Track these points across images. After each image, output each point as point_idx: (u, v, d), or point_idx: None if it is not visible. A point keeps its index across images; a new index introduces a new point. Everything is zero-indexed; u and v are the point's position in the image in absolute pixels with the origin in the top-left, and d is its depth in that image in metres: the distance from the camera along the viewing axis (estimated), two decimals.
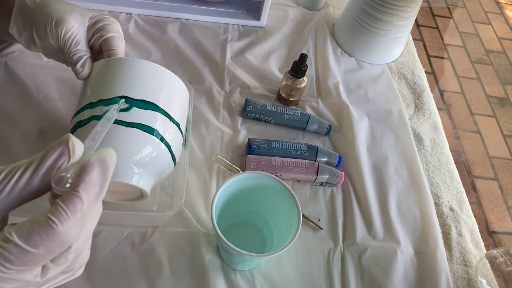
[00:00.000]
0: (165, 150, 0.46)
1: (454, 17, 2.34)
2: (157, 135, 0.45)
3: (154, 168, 0.46)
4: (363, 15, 0.75)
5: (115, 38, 0.50)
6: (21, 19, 0.49)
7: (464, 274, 0.56)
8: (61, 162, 0.27)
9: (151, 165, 0.45)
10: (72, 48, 0.48)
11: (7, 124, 0.58)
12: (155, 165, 0.46)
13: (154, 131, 0.45)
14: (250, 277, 0.51)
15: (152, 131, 0.44)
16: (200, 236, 0.52)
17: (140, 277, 0.49)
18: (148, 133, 0.44)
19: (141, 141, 0.44)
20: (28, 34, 0.50)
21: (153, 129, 0.45)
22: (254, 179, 0.49)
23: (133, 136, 0.44)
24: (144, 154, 0.44)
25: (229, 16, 0.80)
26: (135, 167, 0.44)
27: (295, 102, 0.69)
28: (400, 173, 0.64)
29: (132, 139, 0.44)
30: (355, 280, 0.53)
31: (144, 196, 0.47)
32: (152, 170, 0.46)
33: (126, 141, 0.43)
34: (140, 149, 0.44)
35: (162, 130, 0.45)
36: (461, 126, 1.80)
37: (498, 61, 2.13)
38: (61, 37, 0.47)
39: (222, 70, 0.72)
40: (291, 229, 0.46)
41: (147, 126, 0.44)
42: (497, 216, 1.54)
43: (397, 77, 0.79)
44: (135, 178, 0.44)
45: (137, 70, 0.47)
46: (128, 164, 0.44)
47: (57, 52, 0.51)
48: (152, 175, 0.46)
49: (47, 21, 0.47)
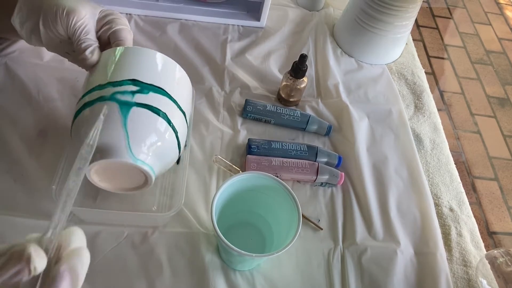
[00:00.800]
0: (171, 135, 0.46)
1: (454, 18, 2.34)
2: (164, 117, 0.45)
3: (159, 151, 0.46)
4: (363, 15, 0.75)
5: (124, 30, 0.51)
6: (27, 9, 0.49)
7: (464, 274, 0.56)
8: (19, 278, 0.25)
9: (157, 148, 0.45)
10: (82, 36, 0.48)
11: (7, 124, 0.58)
12: (161, 149, 0.46)
13: (161, 113, 0.45)
14: (250, 277, 0.51)
15: (159, 113, 0.45)
16: (200, 236, 0.52)
17: (140, 277, 0.49)
18: (156, 114, 0.45)
19: (149, 122, 0.44)
20: (31, 25, 0.50)
21: (161, 111, 0.45)
22: (254, 180, 0.49)
23: (141, 117, 0.44)
24: (151, 136, 0.45)
25: (229, 16, 0.80)
26: (141, 148, 0.44)
27: (295, 103, 0.69)
28: (400, 174, 0.64)
29: (140, 119, 0.44)
30: (355, 280, 0.53)
31: (147, 182, 0.47)
32: (158, 154, 0.46)
33: (134, 121, 0.43)
34: (148, 130, 0.44)
35: (169, 114, 0.46)
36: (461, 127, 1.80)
37: (498, 61, 2.13)
38: (72, 26, 0.48)
39: (222, 70, 0.72)
40: (291, 229, 0.46)
41: (156, 108, 0.45)
42: (497, 217, 1.54)
43: (397, 78, 0.79)
44: (141, 159, 0.44)
45: (147, 58, 0.48)
46: (134, 145, 0.44)
47: (60, 42, 0.51)
48: (158, 158, 0.46)
49: (58, 10, 0.47)
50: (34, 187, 0.53)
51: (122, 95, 0.44)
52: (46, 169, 0.55)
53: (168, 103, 0.46)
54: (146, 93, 0.45)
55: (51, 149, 0.57)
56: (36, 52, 0.68)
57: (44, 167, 0.55)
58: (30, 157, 0.56)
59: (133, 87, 0.45)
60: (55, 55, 0.68)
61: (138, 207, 0.54)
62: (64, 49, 0.53)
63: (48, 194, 0.53)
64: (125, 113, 0.43)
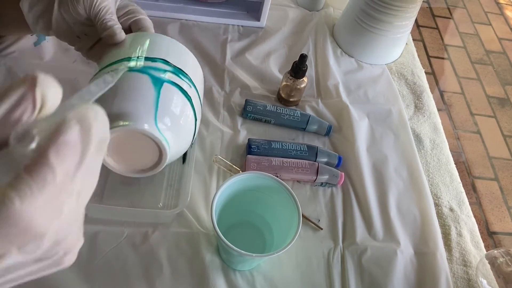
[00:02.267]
0: (192, 120, 0.48)
1: (454, 18, 2.34)
2: (190, 100, 0.47)
3: (179, 132, 0.46)
4: (363, 15, 0.75)
5: (146, 20, 0.53)
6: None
7: (464, 274, 0.56)
8: (21, 112, 0.20)
9: (178, 128, 0.46)
10: (107, 15, 0.48)
11: None
12: (181, 130, 0.46)
13: (188, 96, 0.47)
14: (250, 277, 0.51)
15: (187, 96, 0.46)
16: (200, 236, 0.52)
17: (140, 277, 0.49)
18: (184, 96, 0.46)
19: (177, 100, 0.45)
20: (42, 7, 0.49)
21: (188, 94, 0.47)
22: (254, 180, 0.49)
23: (171, 94, 0.45)
24: (177, 114, 0.45)
25: (229, 16, 0.80)
26: (166, 123, 0.44)
27: (295, 103, 0.69)
28: (400, 174, 0.64)
29: (170, 96, 0.45)
30: (355, 280, 0.53)
31: (160, 161, 0.46)
32: (177, 134, 0.46)
33: (164, 96, 0.44)
34: (175, 108, 0.45)
35: (192, 96, 0.47)
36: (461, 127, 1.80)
37: (498, 61, 2.13)
38: (96, 5, 0.48)
39: (222, 70, 0.72)
40: (291, 229, 0.46)
41: (184, 90, 0.46)
42: (497, 217, 1.54)
43: (397, 78, 0.79)
44: (163, 134, 0.44)
45: (173, 45, 0.50)
46: (160, 118, 0.44)
47: (74, 24, 0.50)
48: (175, 139, 0.46)
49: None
50: None
51: (155, 71, 0.45)
52: None
53: (192, 91, 0.48)
54: (176, 74, 0.47)
55: None
56: (36, 52, 0.68)
57: None
58: None
59: (166, 66, 0.46)
60: (55, 55, 0.68)
61: (144, 205, 0.54)
62: (75, 32, 0.51)
63: None
64: (158, 87, 0.44)
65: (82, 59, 0.69)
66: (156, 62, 0.46)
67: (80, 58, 0.69)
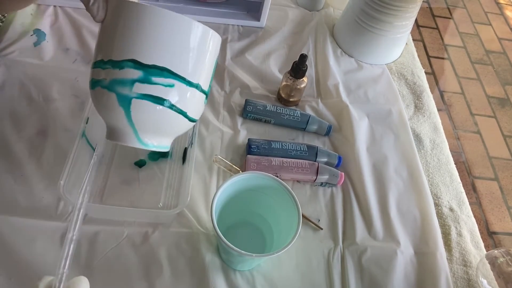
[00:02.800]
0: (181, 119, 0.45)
1: (454, 18, 2.34)
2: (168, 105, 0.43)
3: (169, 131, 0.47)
4: (363, 15, 0.75)
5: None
6: None
7: (464, 274, 0.56)
8: None
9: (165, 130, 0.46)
10: None
11: (7, 124, 0.58)
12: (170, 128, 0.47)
13: (165, 102, 0.43)
14: (250, 277, 0.51)
15: (163, 103, 0.42)
16: (200, 236, 0.52)
17: (140, 277, 0.49)
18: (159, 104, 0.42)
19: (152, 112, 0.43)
20: None
21: (164, 100, 0.42)
22: (254, 180, 0.49)
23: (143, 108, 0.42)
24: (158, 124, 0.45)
25: (229, 16, 0.80)
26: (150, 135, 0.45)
27: (295, 103, 0.69)
28: (400, 174, 0.64)
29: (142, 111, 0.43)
30: (355, 280, 0.53)
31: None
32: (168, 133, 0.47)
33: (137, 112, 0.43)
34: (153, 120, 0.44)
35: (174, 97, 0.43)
36: (461, 127, 1.80)
37: (498, 61, 2.13)
38: None
39: (222, 70, 0.72)
40: (291, 229, 0.46)
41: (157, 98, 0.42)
42: (497, 217, 1.54)
43: (397, 78, 0.79)
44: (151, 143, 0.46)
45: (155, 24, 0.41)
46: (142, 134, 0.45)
47: None
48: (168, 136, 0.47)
49: None
50: (34, 187, 0.53)
51: (120, 86, 0.41)
52: (46, 169, 0.55)
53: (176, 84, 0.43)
54: (148, 81, 0.41)
55: (51, 149, 0.57)
56: (36, 52, 0.68)
57: (44, 167, 0.55)
58: (30, 157, 0.56)
59: (134, 72, 0.41)
60: (55, 55, 0.68)
61: (144, 205, 0.54)
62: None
63: (48, 194, 0.53)
64: (124, 105, 0.42)
65: (82, 59, 0.69)
66: (123, 70, 0.41)
67: (80, 58, 0.69)
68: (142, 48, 0.41)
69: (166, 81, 0.42)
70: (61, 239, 0.50)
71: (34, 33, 0.70)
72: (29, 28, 0.71)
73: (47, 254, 0.49)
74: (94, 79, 0.44)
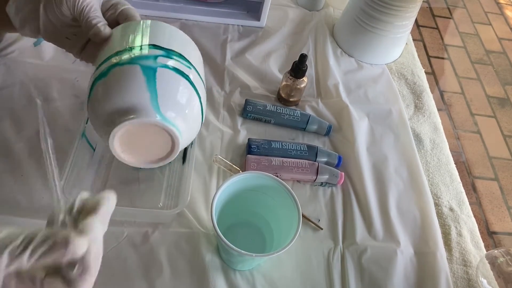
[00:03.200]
0: (196, 99, 0.47)
1: (454, 18, 2.34)
2: (189, 80, 0.46)
3: (186, 114, 0.46)
4: (363, 15, 0.75)
5: (130, 9, 0.52)
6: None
7: (464, 274, 0.56)
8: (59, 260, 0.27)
9: (184, 110, 0.46)
10: (91, 13, 0.48)
11: (7, 124, 0.58)
12: (188, 112, 0.46)
13: (186, 76, 0.45)
14: (250, 277, 0.51)
15: (185, 76, 0.45)
16: (200, 236, 0.52)
17: (140, 277, 0.49)
18: (178, 74, 0.45)
19: (175, 83, 0.45)
20: (28, 10, 0.49)
21: (185, 74, 0.46)
22: (254, 179, 0.49)
23: (167, 77, 0.44)
24: (178, 96, 0.45)
25: (229, 16, 0.80)
26: (170, 107, 0.44)
27: (295, 102, 0.69)
28: (400, 173, 0.64)
29: (166, 80, 0.44)
30: (355, 280, 0.53)
31: (173, 149, 0.47)
32: (184, 117, 0.46)
33: (161, 82, 0.43)
34: (175, 91, 0.45)
35: (194, 80, 0.47)
36: (461, 127, 1.80)
37: (498, 61, 2.13)
38: (79, 4, 0.47)
39: (222, 70, 0.72)
40: (291, 229, 0.46)
41: (176, 69, 0.45)
42: (497, 217, 1.54)
43: (397, 78, 0.79)
44: (169, 118, 0.44)
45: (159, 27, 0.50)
46: (162, 103, 0.44)
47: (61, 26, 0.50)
48: (185, 123, 0.46)
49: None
50: (34, 187, 0.53)
51: (144, 59, 0.44)
52: (46, 169, 0.55)
53: (193, 73, 0.47)
54: (170, 57, 0.45)
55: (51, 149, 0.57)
56: (36, 52, 0.68)
57: (44, 167, 0.55)
58: (30, 157, 0.56)
59: (156, 51, 0.45)
60: (55, 55, 0.68)
61: (144, 205, 0.54)
62: (63, 33, 0.51)
63: (48, 194, 0.53)
64: (151, 75, 0.43)
65: None
66: (143, 50, 0.45)
67: None
68: (159, 37, 0.47)
69: (184, 62, 0.46)
70: None
71: None
72: None
73: None
74: (110, 65, 0.44)
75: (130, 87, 0.43)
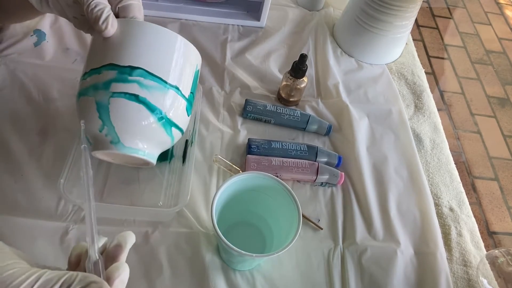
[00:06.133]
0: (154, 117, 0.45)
1: (454, 18, 2.34)
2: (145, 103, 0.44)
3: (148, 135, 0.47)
4: (363, 15, 0.75)
5: (135, 7, 0.48)
6: None
7: (464, 274, 0.56)
8: None
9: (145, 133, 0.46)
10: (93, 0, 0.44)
11: (7, 124, 0.58)
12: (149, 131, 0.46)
13: (144, 99, 0.44)
14: (250, 277, 0.51)
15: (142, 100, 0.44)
16: (200, 236, 0.52)
17: (140, 277, 0.49)
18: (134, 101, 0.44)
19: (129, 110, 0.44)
20: None
21: (139, 96, 0.44)
22: (254, 179, 0.49)
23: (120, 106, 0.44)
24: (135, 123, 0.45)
25: (229, 16, 0.80)
26: (129, 137, 0.45)
27: (295, 102, 0.69)
28: (400, 173, 0.64)
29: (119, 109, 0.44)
30: (355, 280, 0.53)
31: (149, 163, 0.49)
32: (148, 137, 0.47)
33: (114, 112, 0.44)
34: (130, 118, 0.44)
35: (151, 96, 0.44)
36: (461, 127, 1.80)
37: (498, 61, 2.13)
38: None
39: (222, 70, 0.72)
40: (291, 229, 0.46)
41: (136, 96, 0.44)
42: (497, 217, 1.54)
43: (397, 78, 0.79)
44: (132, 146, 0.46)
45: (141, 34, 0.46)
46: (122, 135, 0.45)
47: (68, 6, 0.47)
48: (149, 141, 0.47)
49: None
50: (34, 187, 0.53)
51: (99, 89, 0.44)
52: (46, 169, 0.55)
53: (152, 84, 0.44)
54: (124, 81, 0.43)
55: (51, 149, 0.57)
56: (36, 52, 0.68)
57: (44, 167, 0.55)
58: (30, 157, 0.56)
59: (111, 74, 0.43)
60: (55, 55, 0.68)
61: (144, 204, 0.54)
62: (71, 13, 0.49)
63: (48, 194, 0.53)
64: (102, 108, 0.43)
65: (82, 59, 0.69)
66: (101, 74, 0.44)
67: (80, 58, 0.69)
68: (118, 54, 0.44)
69: (141, 79, 0.44)
70: (61, 239, 0.50)
71: (34, 34, 0.70)
72: (30, 29, 0.71)
73: (47, 254, 0.49)
74: (78, 92, 0.46)
75: (91, 119, 0.44)
